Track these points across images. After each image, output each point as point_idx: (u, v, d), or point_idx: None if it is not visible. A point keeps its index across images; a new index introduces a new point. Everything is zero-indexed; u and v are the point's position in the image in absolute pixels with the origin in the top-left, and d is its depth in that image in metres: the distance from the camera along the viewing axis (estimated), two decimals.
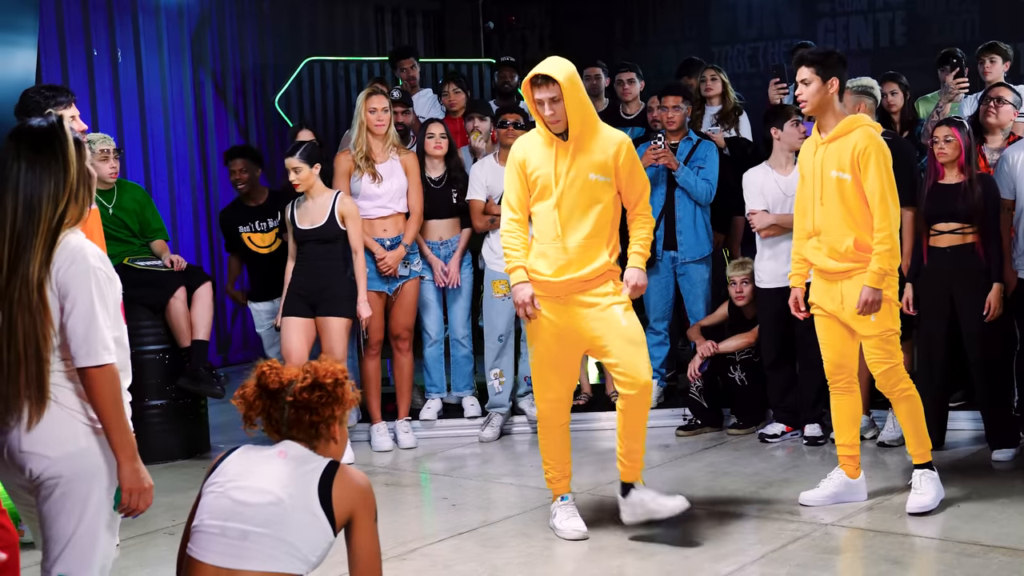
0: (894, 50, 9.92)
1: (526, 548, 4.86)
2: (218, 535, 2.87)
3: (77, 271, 2.99)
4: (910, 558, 4.47)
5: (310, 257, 6.44)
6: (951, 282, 5.86)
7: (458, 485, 6.02)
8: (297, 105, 10.15)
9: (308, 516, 2.86)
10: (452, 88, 8.07)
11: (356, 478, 2.95)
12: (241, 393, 3.00)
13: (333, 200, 6.45)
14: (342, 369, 3.02)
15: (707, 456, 6.32)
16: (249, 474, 2.92)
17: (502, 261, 6.83)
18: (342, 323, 6.41)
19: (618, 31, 11.42)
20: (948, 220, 5.82)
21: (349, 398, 3.01)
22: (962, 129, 5.85)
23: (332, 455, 3.02)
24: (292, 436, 2.98)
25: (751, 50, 10.59)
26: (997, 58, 7.18)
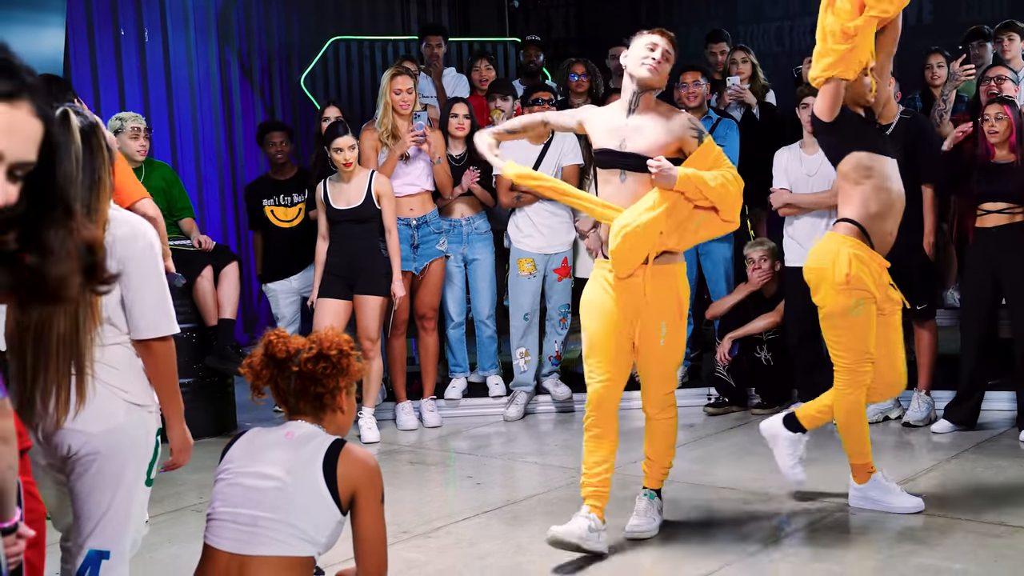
0: (921, 28, 9.83)
1: (550, 526, 4.85)
2: (229, 522, 2.88)
3: (139, 246, 3.03)
4: (935, 538, 4.44)
5: (346, 237, 6.46)
6: (997, 262, 5.81)
7: (482, 464, 6.04)
8: (323, 84, 10.16)
9: (314, 496, 2.85)
10: (484, 64, 8.09)
11: (361, 456, 2.93)
12: (248, 362, 2.99)
13: (369, 179, 6.46)
14: (347, 340, 3.01)
15: (732, 436, 6.32)
16: (256, 459, 2.92)
17: (528, 239, 6.89)
18: (379, 301, 6.45)
19: (643, 10, 11.35)
20: (997, 200, 5.78)
21: (354, 369, 2.99)
22: (1014, 107, 5.80)
23: (339, 425, 3.03)
24: (299, 408, 2.99)
25: (776, 29, 10.51)
26: (1016, 36, 7.14)
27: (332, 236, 6.51)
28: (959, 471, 5.37)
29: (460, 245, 6.99)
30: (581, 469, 4.60)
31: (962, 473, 5.33)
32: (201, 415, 6.66)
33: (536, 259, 6.90)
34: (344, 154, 6.37)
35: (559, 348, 7.06)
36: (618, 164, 4.42)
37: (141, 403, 3.05)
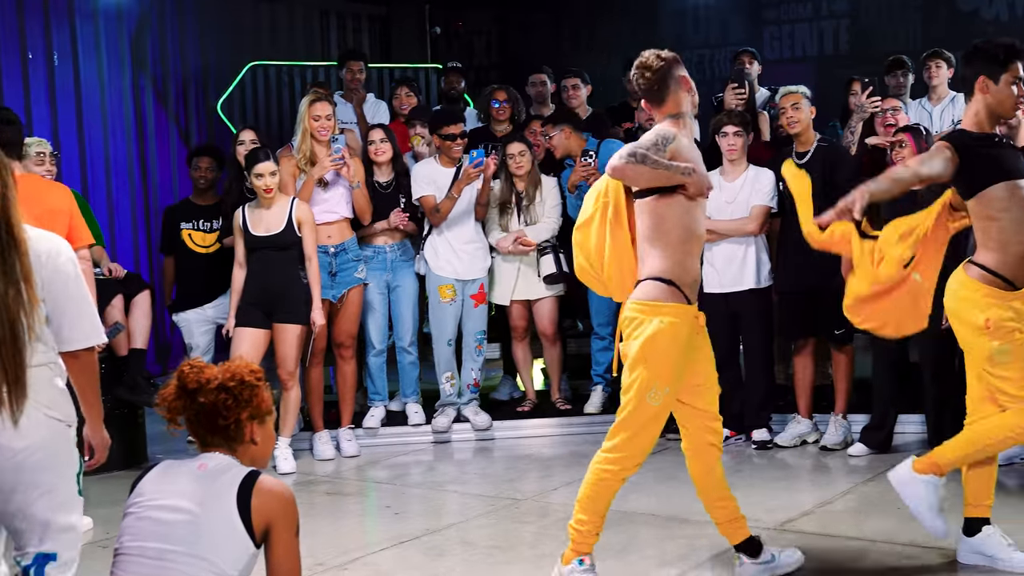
0: (838, 57, 10.02)
1: (469, 556, 4.82)
2: (137, 556, 2.80)
3: (62, 261, 3.13)
4: (850, 561, 4.48)
5: (265, 264, 6.37)
6: None
7: (401, 493, 5.96)
8: (240, 110, 10.05)
9: (226, 529, 2.78)
10: (405, 92, 8.06)
11: (276, 488, 2.86)
12: (162, 393, 2.94)
13: (290, 206, 6.38)
14: (253, 370, 2.95)
15: (653, 461, 6.21)
16: (166, 491, 2.84)
17: (448, 265, 6.84)
18: (298, 330, 6.37)
19: (565, 38, 11.43)
20: None
21: (259, 400, 2.93)
22: (918, 135, 5.91)
23: (254, 457, 2.95)
24: (208, 440, 2.92)
25: (698, 57, 10.64)
26: (943, 63, 7.29)
27: (250, 263, 6.41)
28: (875, 494, 5.41)
29: (384, 272, 6.92)
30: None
31: (878, 496, 5.37)
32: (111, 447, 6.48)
33: (455, 285, 6.86)
34: (265, 180, 6.28)
35: (477, 376, 7.01)
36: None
37: (61, 418, 3.13)
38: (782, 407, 6.63)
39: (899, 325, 4.61)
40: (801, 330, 6.40)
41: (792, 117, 6.29)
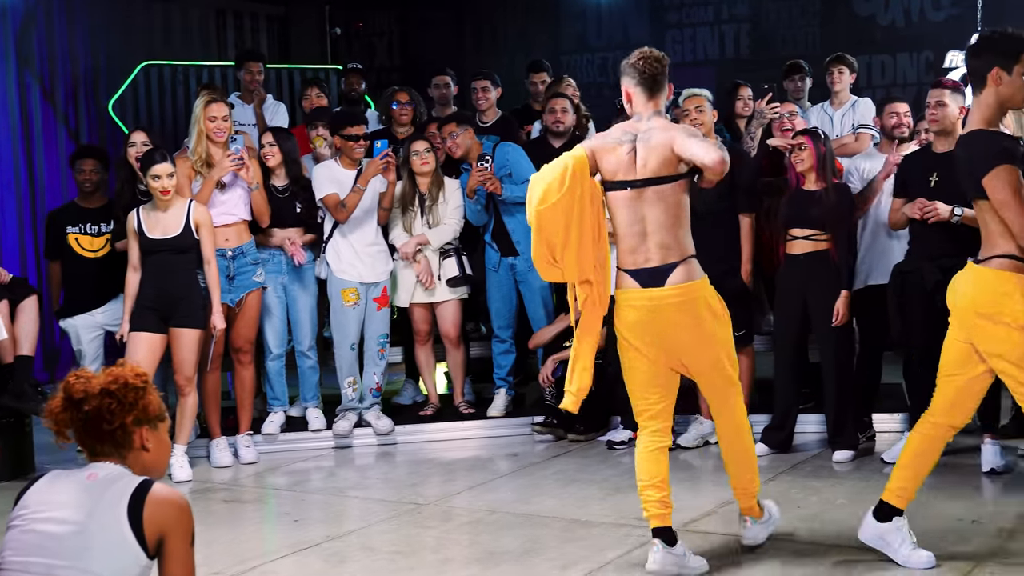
0: (739, 61, 10.16)
1: (371, 562, 4.75)
2: (20, 571, 2.68)
3: None
4: (751, 560, 4.50)
5: (162, 268, 6.22)
6: (804, 287, 5.97)
7: (301, 500, 5.86)
8: (133, 111, 9.82)
9: (116, 540, 2.68)
10: (315, 93, 7.95)
11: (169, 497, 2.77)
12: (49, 406, 2.83)
13: (188, 208, 6.23)
14: (138, 373, 2.85)
15: (556, 464, 6.29)
16: (53, 503, 2.73)
17: (351, 268, 6.75)
18: (196, 335, 6.24)
19: (468, 39, 11.40)
20: (803, 226, 5.95)
21: (145, 403, 2.83)
22: (816, 138, 5.99)
23: (146, 465, 2.85)
24: (98, 449, 2.81)
25: (600, 59, 10.69)
26: (845, 69, 7.41)
27: (145, 267, 6.26)
28: (775, 493, 5.44)
29: (280, 275, 6.82)
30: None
31: (778, 495, 5.39)
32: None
33: (359, 288, 6.78)
34: (162, 182, 6.14)
35: (379, 380, 6.93)
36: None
37: None
38: (684, 408, 6.62)
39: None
40: None
41: (696, 120, 6.32)
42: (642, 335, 4.41)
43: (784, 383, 6.17)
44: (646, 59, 4.40)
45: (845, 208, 5.96)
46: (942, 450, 4.44)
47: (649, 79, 4.39)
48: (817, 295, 5.95)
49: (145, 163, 6.23)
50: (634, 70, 4.41)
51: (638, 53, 4.45)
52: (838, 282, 5.92)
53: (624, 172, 4.36)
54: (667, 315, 4.36)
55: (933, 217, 5.55)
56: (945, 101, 5.63)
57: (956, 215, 5.49)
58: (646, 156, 4.33)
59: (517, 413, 7.13)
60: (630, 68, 4.44)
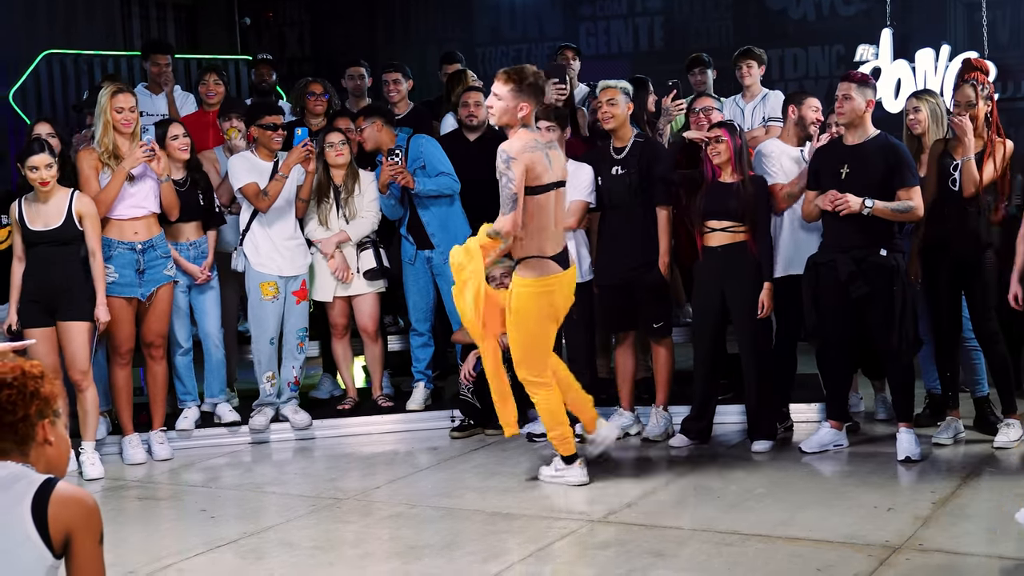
0: (653, 54, 10.24)
1: (289, 558, 4.69)
2: None
3: None
4: (673, 550, 4.52)
5: (45, 260, 6.06)
6: (722, 279, 6.02)
7: (217, 496, 5.77)
8: (35, 100, 9.56)
9: (20, 542, 2.58)
10: (212, 79, 7.79)
11: (75, 494, 2.67)
12: None
13: (70, 199, 6.07)
14: (31, 363, 2.76)
15: (476, 457, 6.27)
16: None
17: (269, 262, 6.66)
18: (84, 327, 6.08)
19: (380, 30, 11.32)
20: (721, 218, 5.99)
21: (46, 392, 2.75)
22: (732, 131, 6.04)
23: (50, 461, 2.76)
24: (1, 447, 2.71)
25: (515, 52, 10.69)
26: (753, 63, 7.48)
27: (29, 259, 6.11)
28: (695, 483, 5.51)
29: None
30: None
31: (698, 485, 5.47)
32: None
33: (278, 282, 6.68)
34: (40, 173, 5.98)
35: (297, 374, 6.84)
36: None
37: None
38: (605, 400, 6.67)
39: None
40: (621, 323, 6.46)
41: (607, 112, 6.33)
42: (564, 306, 5.50)
43: (702, 374, 6.22)
44: (540, 76, 5.18)
45: (762, 200, 6.03)
46: None
47: (542, 93, 5.13)
48: (735, 287, 6.01)
49: (24, 154, 6.08)
50: (537, 88, 5.23)
51: (537, 72, 5.24)
52: (757, 274, 5.98)
53: (548, 176, 5.26)
54: (571, 287, 5.51)
55: (844, 209, 5.63)
56: (852, 95, 5.71)
57: (867, 207, 5.58)
58: (556, 161, 5.35)
59: (436, 407, 7.09)
60: (533, 88, 5.21)
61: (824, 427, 5.99)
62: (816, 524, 4.73)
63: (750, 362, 6.08)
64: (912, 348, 5.82)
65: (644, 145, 6.37)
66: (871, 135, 5.76)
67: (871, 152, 5.72)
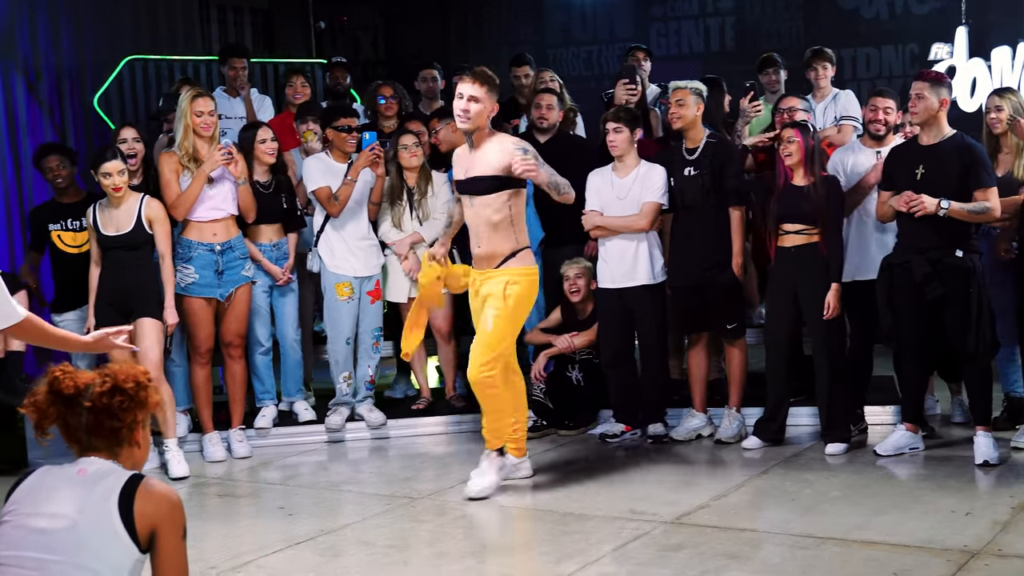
0: (724, 54, 10.19)
1: (365, 556, 4.75)
2: (14, 567, 2.67)
3: None
4: (747, 552, 4.52)
5: (118, 264, 6.23)
6: (796, 280, 5.99)
7: (294, 494, 5.86)
8: (118, 105, 9.75)
9: (108, 535, 2.68)
10: (300, 81, 7.94)
11: (160, 491, 2.77)
12: (32, 400, 2.80)
13: (140, 204, 6.22)
14: (143, 371, 2.86)
15: (548, 457, 6.30)
16: (45, 499, 2.73)
17: (344, 263, 6.75)
18: (156, 325, 6.22)
19: (452, 32, 11.40)
20: (794, 221, 5.96)
21: (152, 401, 2.85)
22: (805, 131, 5.99)
23: (136, 460, 2.87)
24: (92, 445, 2.80)
25: (585, 53, 10.70)
26: (827, 64, 7.42)
27: (104, 263, 6.27)
28: (769, 486, 5.49)
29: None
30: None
31: (772, 488, 5.45)
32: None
33: (352, 282, 6.77)
34: (113, 179, 6.13)
35: (372, 373, 6.92)
36: (466, 190, 5.51)
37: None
38: (677, 401, 6.69)
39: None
40: (694, 325, 6.46)
41: (676, 113, 6.33)
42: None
43: (776, 376, 6.19)
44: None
45: (833, 202, 5.98)
46: None
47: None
48: (808, 288, 5.98)
49: (96, 161, 6.22)
50: (497, 89, 5.47)
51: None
52: (828, 275, 5.95)
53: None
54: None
55: (920, 210, 5.58)
56: (925, 94, 5.65)
57: (943, 208, 5.52)
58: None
59: None
60: (497, 89, 5.49)
61: (900, 430, 5.93)
62: (892, 528, 4.70)
63: (823, 364, 6.04)
64: (989, 351, 5.74)
65: (716, 146, 6.36)
66: (947, 135, 5.70)
67: (947, 152, 5.65)
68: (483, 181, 5.42)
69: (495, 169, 5.39)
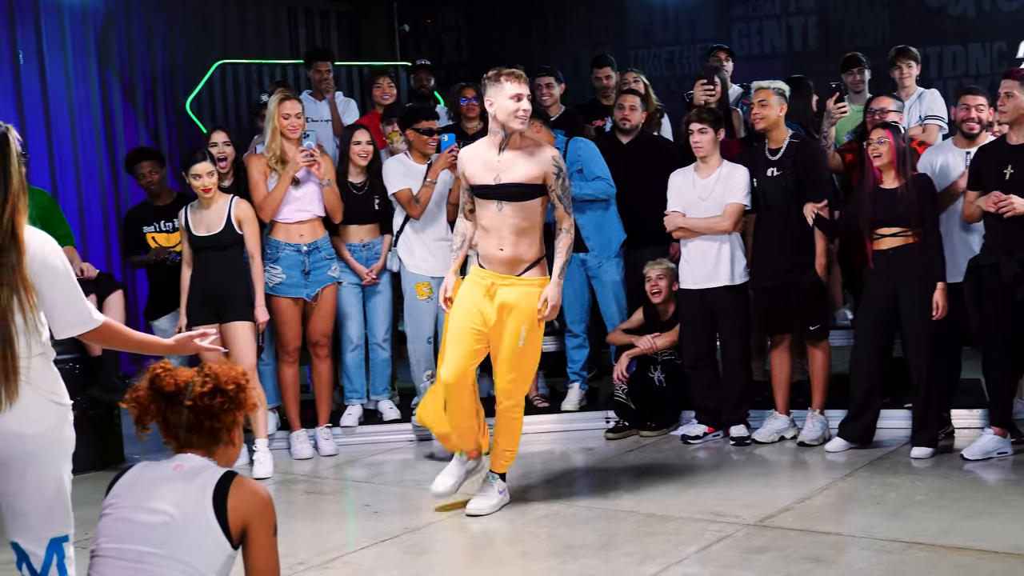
0: (807, 54, 10.10)
1: (449, 554, 4.82)
2: (114, 559, 2.78)
3: (47, 254, 3.23)
4: (831, 556, 4.49)
5: (209, 264, 6.36)
6: (895, 283, 5.91)
7: (380, 492, 5.94)
8: (209, 108, 9.97)
9: (203, 530, 2.77)
10: (387, 82, 8.05)
11: (252, 488, 2.86)
12: (134, 396, 2.91)
13: (229, 205, 6.35)
14: (242, 372, 2.95)
15: (630, 458, 6.32)
16: (143, 493, 2.83)
17: (423, 263, 6.83)
18: (248, 327, 6.34)
19: (535, 34, 11.44)
20: (889, 224, 5.88)
21: (251, 402, 2.94)
22: (896, 132, 5.92)
23: (230, 458, 2.96)
24: (190, 442, 2.90)
25: (667, 53, 10.68)
26: (912, 62, 7.32)
27: (195, 263, 6.41)
28: (853, 489, 5.45)
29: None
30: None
31: (856, 491, 5.41)
32: (86, 448, 6.37)
33: (431, 282, 6.85)
34: (203, 180, 6.27)
35: None
36: (496, 195, 5.15)
37: (64, 402, 3.24)
38: (760, 403, 6.66)
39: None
40: (777, 326, 6.42)
41: (758, 114, 6.30)
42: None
43: (864, 376, 6.08)
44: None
45: (927, 201, 5.87)
46: None
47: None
48: (908, 289, 5.87)
49: (186, 162, 6.37)
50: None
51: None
52: (929, 275, 5.84)
53: None
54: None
55: (1008, 211, 5.50)
56: (1014, 92, 5.56)
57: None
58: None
59: (591, 407, 7.17)
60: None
61: (987, 434, 5.84)
62: (980, 534, 4.63)
63: (920, 365, 5.92)
64: None
65: (799, 146, 6.32)
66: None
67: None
68: (519, 188, 5.15)
69: (533, 178, 5.17)
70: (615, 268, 7.06)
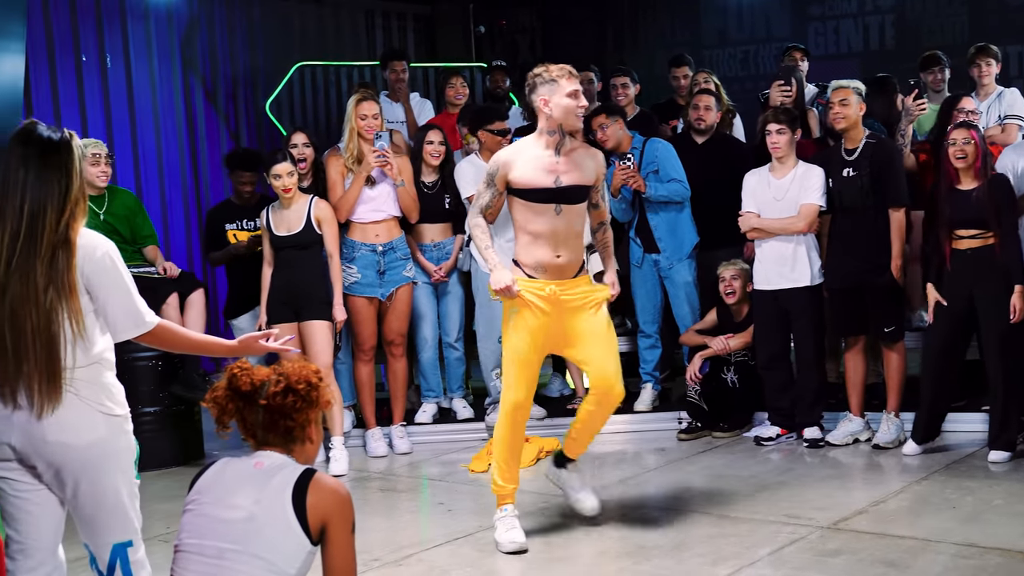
0: (884, 53, 9.96)
1: (524, 553, 4.84)
2: (195, 554, 2.83)
3: (99, 256, 3.20)
4: (906, 560, 4.45)
5: (289, 264, 6.46)
6: (973, 284, 5.83)
7: (454, 490, 6.00)
8: (288, 111, 10.11)
9: (283, 527, 2.81)
10: (460, 82, 8.15)
11: (331, 485, 2.89)
12: (213, 396, 2.96)
13: (309, 205, 6.45)
14: (315, 371, 2.99)
15: (703, 459, 6.32)
16: (224, 489, 2.88)
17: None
18: (325, 326, 6.42)
19: (609, 35, 11.43)
20: (967, 226, 5.81)
21: (324, 400, 2.97)
22: (979, 133, 5.85)
23: (308, 455, 3.00)
24: (268, 440, 2.94)
25: (742, 53, 10.61)
26: (991, 60, 7.21)
27: (276, 262, 6.50)
28: (929, 492, 5.40)
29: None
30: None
31: (932, 495, 5.35)
32: (167, 444, 6.60)
33: None
34: (283, 180, 6.37)
35: None
36: (555, 199, 4.92)
37: (116, 413, 3.22)
38: (834, 405, 6.61)
39: None
40: (851, 327, 6.38)
41: (838, 113, 6.25)
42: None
43: (935, 378, 6.01)
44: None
45: (1005, 201, 5.79)
46: None
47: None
48: (985, 291, 5.79)
49: (267, 163, 6.48)
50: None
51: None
52: (1007, 278, 5.74)
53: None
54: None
55: None
56: None
57: None
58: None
59: (663, 408, 7.17)
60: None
61: None
62: None
63: (998, 368, 5.83)
64: None
65: (876, 146, 6.27)
66: None
67: None
68: (580, 190, 5.00)
69: (590, 179, 5.03)
70: (687, 269, 7.05)
